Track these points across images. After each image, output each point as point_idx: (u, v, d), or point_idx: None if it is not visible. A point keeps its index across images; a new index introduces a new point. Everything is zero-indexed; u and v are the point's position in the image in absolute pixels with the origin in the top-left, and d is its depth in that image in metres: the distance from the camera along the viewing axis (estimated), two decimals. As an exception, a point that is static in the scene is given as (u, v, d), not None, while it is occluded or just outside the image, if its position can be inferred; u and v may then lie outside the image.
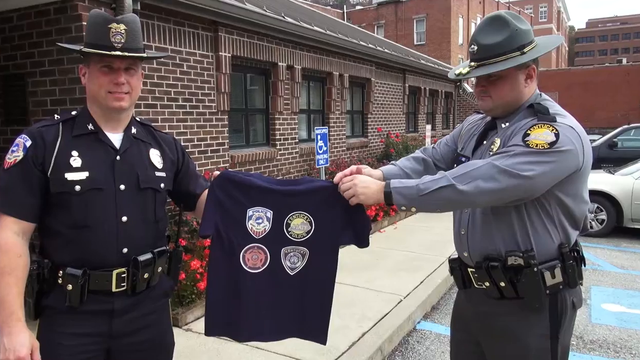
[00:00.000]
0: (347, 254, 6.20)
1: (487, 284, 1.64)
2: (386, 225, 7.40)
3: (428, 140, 10.07)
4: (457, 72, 1.66)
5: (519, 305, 1.61)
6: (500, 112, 1.67)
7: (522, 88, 1.63)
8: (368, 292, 4.59)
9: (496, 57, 1.57)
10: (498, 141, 1.63)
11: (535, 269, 1.56)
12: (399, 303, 4.34)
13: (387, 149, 9.50)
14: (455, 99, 15.27)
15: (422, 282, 4.85)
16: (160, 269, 1.71)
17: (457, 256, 1.81)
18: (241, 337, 1.71)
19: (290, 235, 1.71)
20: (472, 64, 1.61)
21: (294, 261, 1.72)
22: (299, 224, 1.71)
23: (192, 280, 4.00)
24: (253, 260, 1.70)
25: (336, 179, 1.72)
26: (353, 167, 1.76)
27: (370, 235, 1.69)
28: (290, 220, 1.70)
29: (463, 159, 1.77)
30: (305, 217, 1.71)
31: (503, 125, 1.68)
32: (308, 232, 1.71)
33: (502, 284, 1.60)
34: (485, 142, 1.71)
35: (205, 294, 2.11)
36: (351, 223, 1.72)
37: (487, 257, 1.63)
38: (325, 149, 6.52)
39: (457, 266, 1.77)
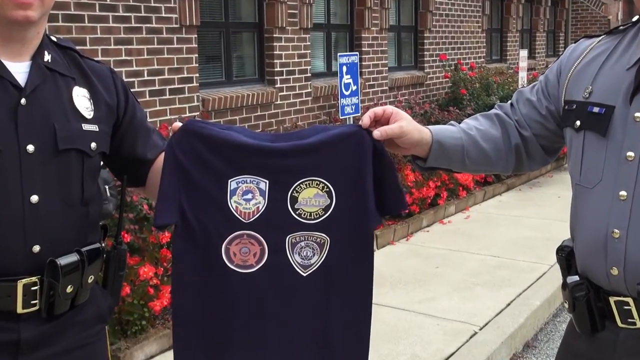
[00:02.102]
0: (387, 258, 6.27)
1: None
2: (452, 213, 7.42)
3: (523, 75, 9.98)
4: None
5: None
6: None
7: None
8: (422, 320, 4.63)
9: None
10: None
11: None
12: (472, 337, 4.37)
13: (455, 88, 9.45)
14: (569, 7, 15.00)
15: (509, 305, 4.87)
16: (91, 278, 1.73)
17: (578, 279, 1.77)
18: None
19: (299, 215, 1.71)
20: None
21: (307, 255, 1.72)
22: (312, 197, 1.70)
23: (142, 297, 4.07)
24: (242, 255, 1.72)
25: (365, 119, 1.73)
26: (388, 108, 1.77)
27: (419, 230, 1.69)
28: (297, 191, 1.71)
29: (596, 109, 1.73)
30: (321, 185, 1.71)
31: None
32: (327, 209, 1.71)
33: None
34: None
35: (171, 313, 2.12)
36: (384, 188, 1.74)
37: None
38: (354, 88, 6.50)
39: (584, 294, 1.75)
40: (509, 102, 1.99)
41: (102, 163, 1.82)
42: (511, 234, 6.63)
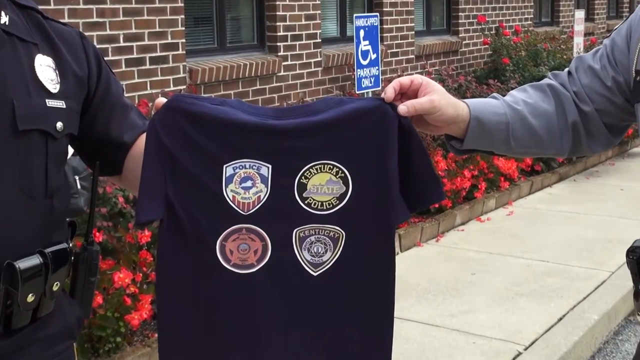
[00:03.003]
0: (413, 263, 6.21)
1: None
2: (492, 208, 7.41)
3: (578, 40, 9.93)
4: None
5: None
6: None
7: None
8: (456, 337, 4.64)
9: None
10: None
11: None
12: (515, 358, 4.37)
13: (496, 57, 9.42)
14: (636, -43, 14.90)
15: (560, 320, 4.87)
16: (57, 285, 1.73)
17: None
18: None
19: (309, 204, 1.73)
20: None
21: (317, 251, 1.74)
22: (324, 184, 1.73)
23: (117, 309, 4.08)
24: (241, 253, 1.73)
25: (389, 92, 1.73)
26: (417, 77, 1.78)
27: (455, 228, 1.71)
28: (306, 177, 1.72)
29: None
30: (335, 169, 1.72)
31: None
32: (342, 198, 1.73)
33: None
34: None
35: (152, 327, 2.14)
36: (413, 174, 1.75)
37: None
38: (374, 57, 6.48)
39: None
40: (566, 69, 1.98)
41: (70, 148, 1.82)
42: (563, 234, 6.63)
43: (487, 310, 5.02)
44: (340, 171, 1.72)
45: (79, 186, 1.96)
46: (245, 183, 1.72)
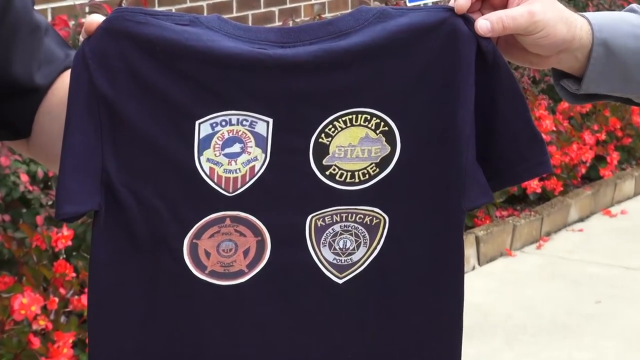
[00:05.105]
0: (499, 283, 6.33)
1: None
2: (630, 195, 7.46)
3: None
4: None
5: None
6: None
7: None
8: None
9: None
10: None
11: None
12: None
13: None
14: None
15: None
16: None
17: None
18: None
19: (332, 177, 1.76)
20: None
21: (345, 247, 1.77)
22: (356, 144, 1.75)
23: (18, 354, 4.12)
24: (223, 255, 1.76)
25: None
26: None
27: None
28: (327, 135, 1.73)
29: None
30: (374, 121, 1.75)
31: None
32: (384, 165, 1.76)
33: None
34: None
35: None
36: (501, 131, 1.77)
37: None
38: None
39: None
40: None
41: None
42: None
43: (620, 358, 5.06)
44: (382, 123, 1.74)
45: None
46: (231, 148, 1.74)
